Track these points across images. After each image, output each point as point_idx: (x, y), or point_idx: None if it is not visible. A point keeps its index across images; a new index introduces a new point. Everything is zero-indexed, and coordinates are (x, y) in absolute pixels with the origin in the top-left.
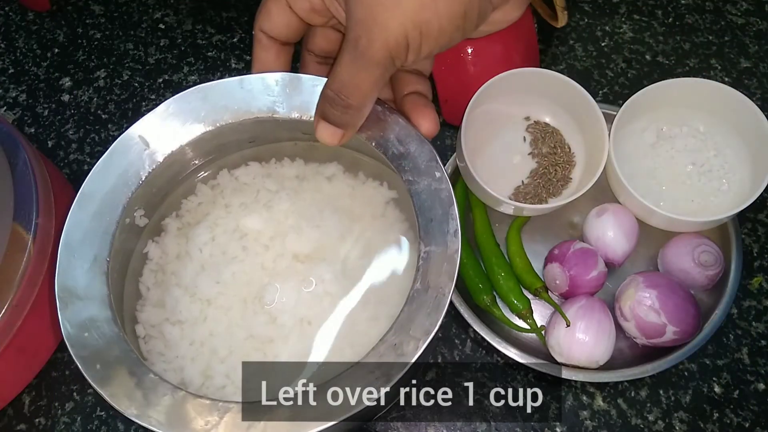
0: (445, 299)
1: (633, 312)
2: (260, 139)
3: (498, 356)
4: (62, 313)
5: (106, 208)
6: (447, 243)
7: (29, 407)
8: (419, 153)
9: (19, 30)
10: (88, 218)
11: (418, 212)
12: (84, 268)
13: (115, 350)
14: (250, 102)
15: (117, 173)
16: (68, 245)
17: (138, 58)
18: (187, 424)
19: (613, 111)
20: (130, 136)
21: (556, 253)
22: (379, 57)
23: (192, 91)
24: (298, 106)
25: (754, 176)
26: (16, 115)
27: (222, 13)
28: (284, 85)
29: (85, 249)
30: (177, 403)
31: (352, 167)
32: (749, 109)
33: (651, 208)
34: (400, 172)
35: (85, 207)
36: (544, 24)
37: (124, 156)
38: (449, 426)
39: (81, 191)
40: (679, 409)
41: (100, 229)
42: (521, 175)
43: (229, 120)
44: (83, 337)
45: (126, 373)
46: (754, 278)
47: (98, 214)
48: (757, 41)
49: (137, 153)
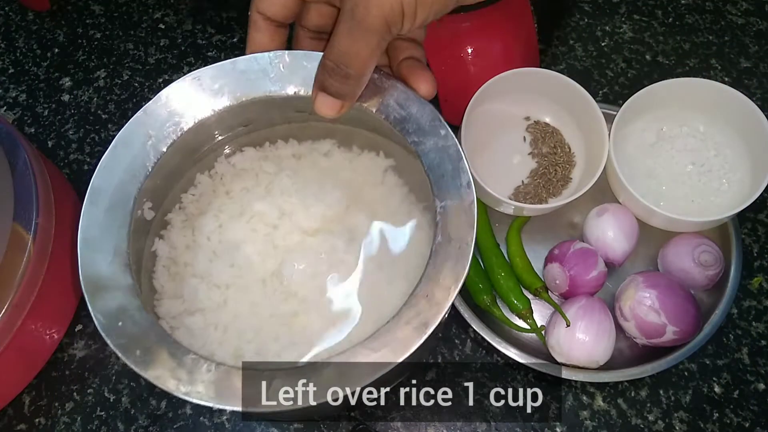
0: (468, 248)
1: (633, 312)
2: (255, 123)
3: (498, 356)
4: (92, 305)
5: (117, 201)
6: (462, 196)
7: (29, 407)
8: (421, 114)
9: (19, 30)
10: (102, 213)
11: (429, 170)
12: (107, 261)
13: (152, 336)
14: (246, 83)
15: (123, 167)
16: (86, 241)
17: (138, 58)
18: (237, 394)
19: (613, 111)
20: (132, 129)
21: (556, 253)
22: (376, 25)
23: (188, 77)
24: (292, 82)
25: (754, 176)
26: (16, 115)
27: (222, 13)
28: (278, 62)
29: (104, 243)
30: (222, 377)
31: (345, 141)
32: (749, 109)
33: (651, 208)
34: (404, 134)
35: (97, 202)
36: (544, 24)
37: (128, 149)
38: (449, 426)
39: (91, 186)
40: (679, 409)
41: (115, 223)
42: (521, 175)
43: (227, 103)
44: (117, 327)
45: (166, 355)
46: (754, 278)
47: (111, 209)
48: (757, 41)
49: (141, 144)
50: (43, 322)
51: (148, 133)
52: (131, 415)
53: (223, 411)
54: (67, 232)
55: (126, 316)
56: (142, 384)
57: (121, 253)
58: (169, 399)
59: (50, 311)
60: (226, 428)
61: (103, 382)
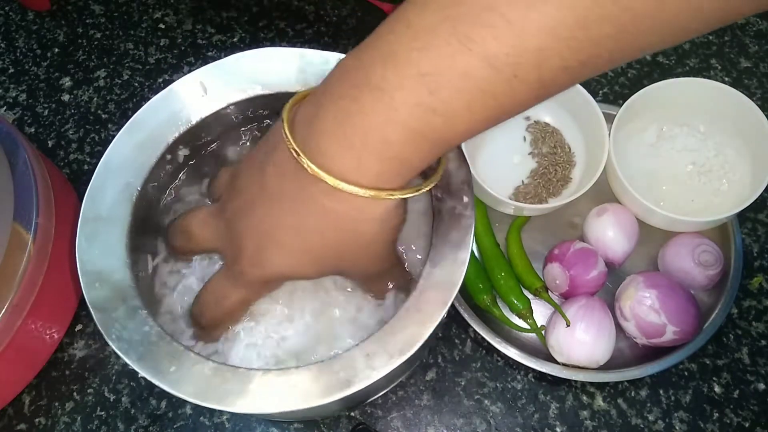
0: (468, 212)
1: (633, 312)
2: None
3: (498, 356)
4: (81, 233)
5: (150, 140)
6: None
7: (29, 407)
8: None
9: (19, 30)
10: (132, 146)
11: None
12: (115, 190)
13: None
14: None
15: (171, 110)
16: (107, 165)
17: (138, 57)
18: (233, 394)
19: (613, 111)
20: (189, 79)
21: (556, 253)
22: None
23: (254, 52)
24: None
25: (754, 176)
26: (16, 115)
27: (222, 13)
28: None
29: (121, 173)
30: (218, 376)
31: None
32: (749, 109)
33: (651, 208)
34: None
35: (133, 134)
36: None
37: (180, 97)
38: (449, 426)
39: (133, 119)
40: (679, 409)
41: (138, 159)
42: (521, 175)
43: (279, 89)
44: (111, 318)
45: (167, 352)
46: (754, 278)
47: (141, 145)
48: (757, 41)
49: (194, 97)
50: (43, 322)
51: (205, 88)
52: (131, 415)
53: (223, 411)
54: (67, 232)
55: (123, 307)
56: (142, 384)
57: (132, 188)
58: (169, 399)
59: (50, 311)
60: (226, 428)
61: (103, 382)
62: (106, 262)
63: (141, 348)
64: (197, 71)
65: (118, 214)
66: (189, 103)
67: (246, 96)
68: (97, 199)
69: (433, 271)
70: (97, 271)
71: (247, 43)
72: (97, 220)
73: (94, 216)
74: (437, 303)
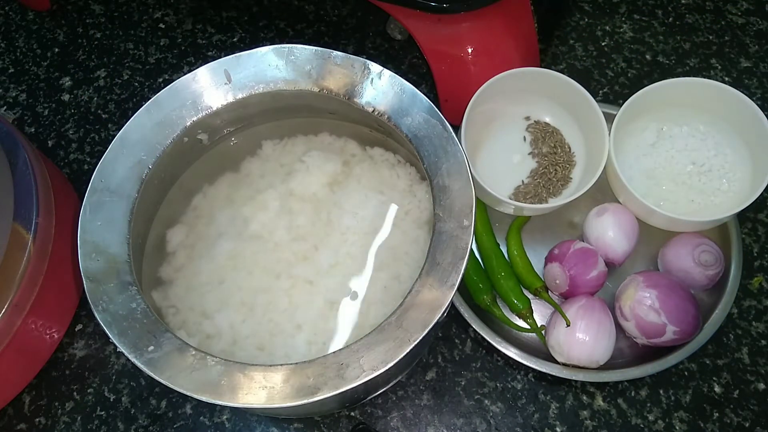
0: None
1: (633, 312)
2: (304, 110)
3: (498, 356)
4: (87, 202)
5: (169, 120)
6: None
7: (29, 407)
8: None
9: (19, 30)
10: (151, 124)
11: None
12: (126, 165)
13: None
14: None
15: (193, 93)
16: (123, 139)
17: (138, 57)
18: (236, 390)
19: (613, 111)
20: (214, 67)
21: (556, 252)
22: None
23: (272, 48)
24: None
25: (754, 176)
26: (16, 114)
27: (222, 13)
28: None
29: (135, 149)
30: (221, 371)
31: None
32: (749, 109)
33: (651, 208)
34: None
35: (153, 113)
36: (544, 24)
37: (203, 82)
38: (449, 426)
39: (155, 98)
40: (679, 409)
41: (155, 138)
42: (521, 175)
43: (283, 87)
44: (108, 307)
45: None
46: (754, 278)
47: (161, 124)
48: (757, 41)
49: (217, 84)
50: (43, 321)
51: (229, 76)
52: (131, 414)
53: (223, 410)
54: (67, 232)
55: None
56: (142, 384)
57: (144, 165)
58: (169, 398)
59: (50, 311)
60: (226, 428)
61: (103, 382)
62: (107, 235)
63: (124, 323)
64: (223, 59)
65: (126, 189)
66: (211, 90)
67: (268, 90)
68: (108, 171)
69: (421, 291)
70: (96, 242)
71: (247, 43)
72: (104, 191)
73: (103, 188)
74: (418, 325)
